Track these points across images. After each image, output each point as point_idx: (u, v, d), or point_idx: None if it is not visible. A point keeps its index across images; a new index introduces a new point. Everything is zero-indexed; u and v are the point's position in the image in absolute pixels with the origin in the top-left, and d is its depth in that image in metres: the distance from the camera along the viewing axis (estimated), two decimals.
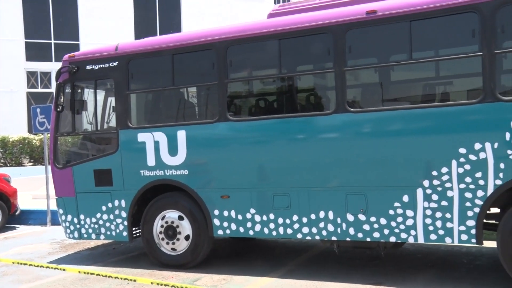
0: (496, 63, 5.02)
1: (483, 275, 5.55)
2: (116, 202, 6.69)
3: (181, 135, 6.30)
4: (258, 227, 6.07)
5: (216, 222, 6.23)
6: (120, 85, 6.71)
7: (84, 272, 6.36)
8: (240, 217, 6.13)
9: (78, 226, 6.98)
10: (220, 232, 6.25)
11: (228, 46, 6.09)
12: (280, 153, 5.93)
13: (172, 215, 6.50)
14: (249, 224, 6.10)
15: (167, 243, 6.51)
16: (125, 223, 6.65)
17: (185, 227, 6.43)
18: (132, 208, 6.62)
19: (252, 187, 6.07)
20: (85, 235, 6.99)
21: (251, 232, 6.12)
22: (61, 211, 7.08)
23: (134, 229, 6.80)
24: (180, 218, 6.47)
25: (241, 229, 6.16)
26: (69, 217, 7.00)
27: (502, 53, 5.09)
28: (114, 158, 6.68)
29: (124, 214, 6.65)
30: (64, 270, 6.59)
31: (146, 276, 6.17)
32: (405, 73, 6.03)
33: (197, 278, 5.96)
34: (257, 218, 6.04)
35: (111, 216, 6.74)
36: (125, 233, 6.69)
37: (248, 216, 6.09)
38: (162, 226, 6.53)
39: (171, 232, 6.48)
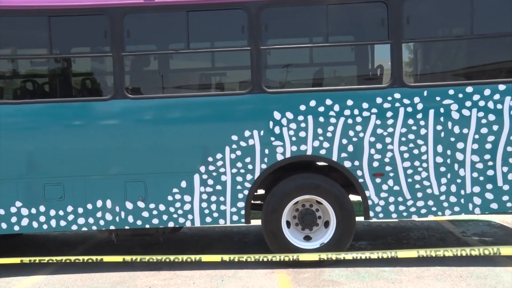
0: (262, 58, 5.53)
1: (250, 250, 6.09)
2: None
3: None
4: (25, 222, 5.63)
5: None
6: None
7: None
8: (2, 211, 5.60)
9: None
10: None
11: None
12: (52, 140, 5.61)
13: None
14: (14, 219, 5.62)
15: None
16: None
17: None
18: None
19: (18, 178, 5.60)
20: None
21: (16, 228, 5.64)
22: None
23: None
24: None
25: (4, 225, 5.65)
26: None
27: (267, 49, 5.62)
28: None
29: None
30: None
31: None
32: (184, 62, 6.28)
33: None
34: (24, 211, 5.61)
35: None
36: None
37: (13, 210, 5.61)
38: None
39: None
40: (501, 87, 5.35)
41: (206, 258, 5.34)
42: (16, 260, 5.36)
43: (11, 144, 5.57)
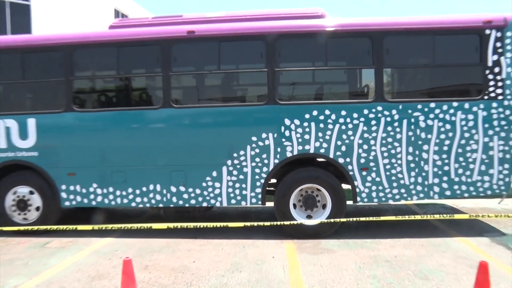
0: (276, 77, 6.71)
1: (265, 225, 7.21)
2: None
3: (31, 122, 7.06)
4: (99, 199, 7.09)
5: (64, 195, 7.13)
6: None
7: None
8: (84, 190, 7.08)
9: None
10: (67, 203, 7.17)
11: (74, 49, 6.97)
12: (117, 139, 6.96)
13: (23, 190, 7.25)
14: (92, 196, 7.09)
15: (19, 214, 7.28)
16: None
17: (35, 200, 7.24)
18: None
19: (95, 166, 7.03)
20: None
21: (94, 203, 7.12)
22: None
23: None
24: (31, 192, 7.24)
25: (85, 200, 7.12)
26: None
27: (280, 71, 6.76)
28: None
29: None
30: None
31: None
32: (216, 80, 7.44)
33: (48, 241, 6.86)
34: (99, 191, 7.06)
35: None
36: None
37: (91, 189, 7.06)
38: (14, 200, 7.26)
39: (22, 204, 7.23)
40: (455, 104, 6.60)
41: (232, 224, 6.14)
42: (88, 227, 6.49)
43: (89, 141, 7.00)
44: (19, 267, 5.81)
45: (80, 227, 6.58)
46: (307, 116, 6.70)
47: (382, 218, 6.25)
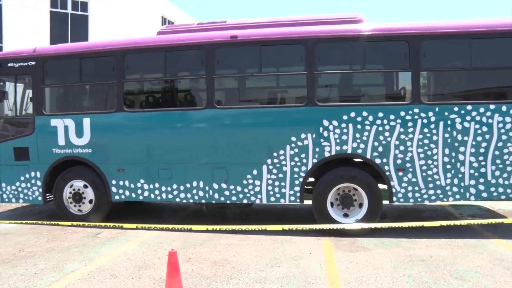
0: (315, 80, 6.77)
1: (302, 221, 7.33)
2: (33, 173, 7.65)
3: (86, 121, 7.42)
4: (146, 194, 7.34)
5: (114, 189, 7.45)
6: (36, 80, 7.59)
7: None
8: (132, 185, 7.36)
9: (0, 192, 7.85)
10: (117, 197, 7.49)
11: (125, 54, 7.27)
12: (164, 137, 7.19)
13: (78, 184, 7.65)
14: (139, 191, 7.36)
15: (75, 206, 7.68)
16: (40, 190, 7.67)
17: (89, 193, 7.62)
18: (45, 178, 7.64)
19: (142, 163, 7.30)
20: (6, 199, 7.87)
21: (141, 197, 7.39)
22: None
23: (47, 194, 7.81)
24: (85, 186, 7.63)
25: (133, 195, 7.40)
26: None
27: (319, 74, 6.82)
28: (31, 139, 7.60)
29: (39, 183, 7.65)
30: None
31: (57, 231, 7.26)
32: (256, 82, 7.58)
33: (100, 232, 7.19)
34: (146, 186, 7.31)
35: (28, 184, 7.69)
36: (40, 198, 7.70)
37: (139, 185, 7.33)
38: (70, 192, 7.66)
39: (77, 197, 7.64)
40: (492, 106, 6.42)
41: (270, 227, 6.28)
42: (132, 225, 6.96)
43: (138, 139, 7.25)
44: (75, 254, 6.10)
45: (126, 225, 7.01)
46: (345, 117, 6.71)
47: (428, 223, 6.06)
